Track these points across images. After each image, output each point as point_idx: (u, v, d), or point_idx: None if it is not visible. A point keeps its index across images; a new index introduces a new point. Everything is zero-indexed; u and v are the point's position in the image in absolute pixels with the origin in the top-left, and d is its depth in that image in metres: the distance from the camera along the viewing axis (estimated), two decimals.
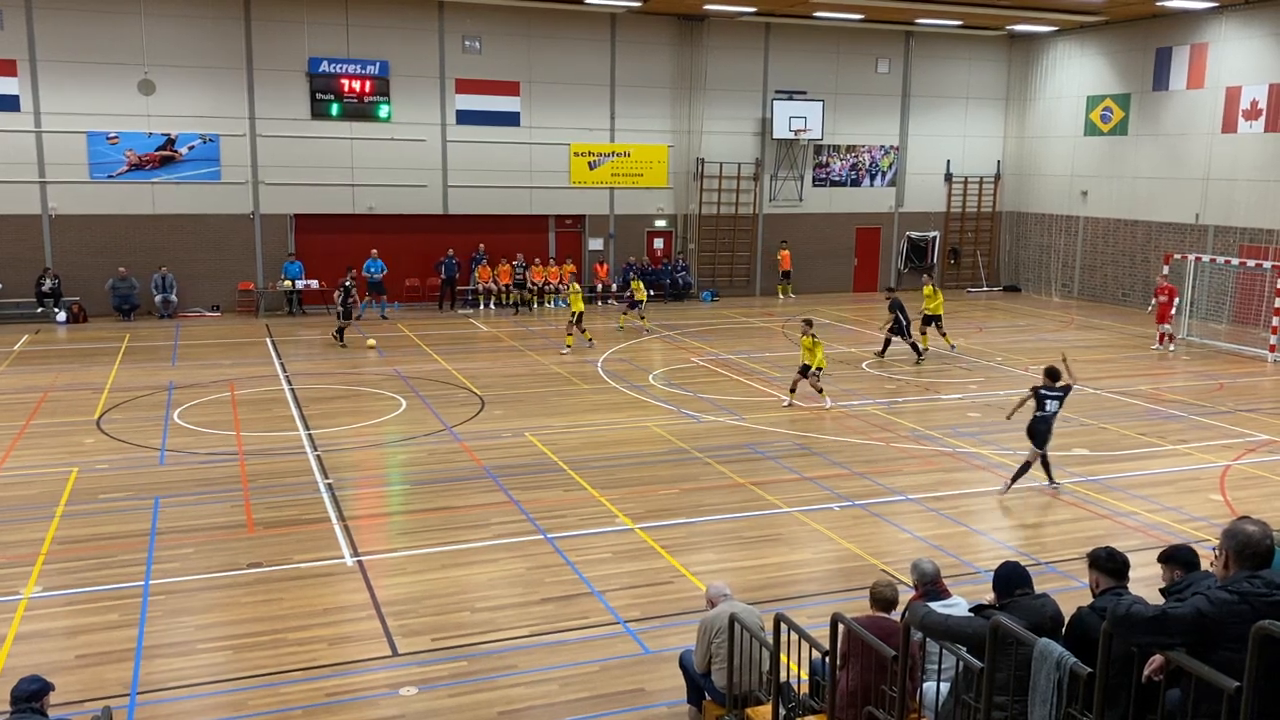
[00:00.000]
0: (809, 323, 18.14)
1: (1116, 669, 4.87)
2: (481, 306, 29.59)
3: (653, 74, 31.01)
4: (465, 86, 29.27)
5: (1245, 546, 4.63)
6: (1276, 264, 23.63)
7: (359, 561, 10.98)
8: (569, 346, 22.89)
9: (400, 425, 16.68)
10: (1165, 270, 25.62)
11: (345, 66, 28.12)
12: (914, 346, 22.25)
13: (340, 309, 23.54)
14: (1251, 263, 24.81)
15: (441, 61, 29.03)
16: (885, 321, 22.52)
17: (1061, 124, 33.09)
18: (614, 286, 31.21)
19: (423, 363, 21.58)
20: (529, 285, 29.80)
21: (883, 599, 6.82)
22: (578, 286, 24.62)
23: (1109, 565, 5.71)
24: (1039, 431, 13.26)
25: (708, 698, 7.64)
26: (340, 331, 23.45)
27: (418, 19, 28.67)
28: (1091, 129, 32.04)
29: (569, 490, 13.41)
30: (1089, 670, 4.81)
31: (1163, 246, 29.05)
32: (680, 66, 31.17)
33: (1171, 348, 23.67)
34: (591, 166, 30.91)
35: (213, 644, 9.09)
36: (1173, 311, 24.12)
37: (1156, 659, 4.77)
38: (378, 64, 28.38)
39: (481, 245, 29.77)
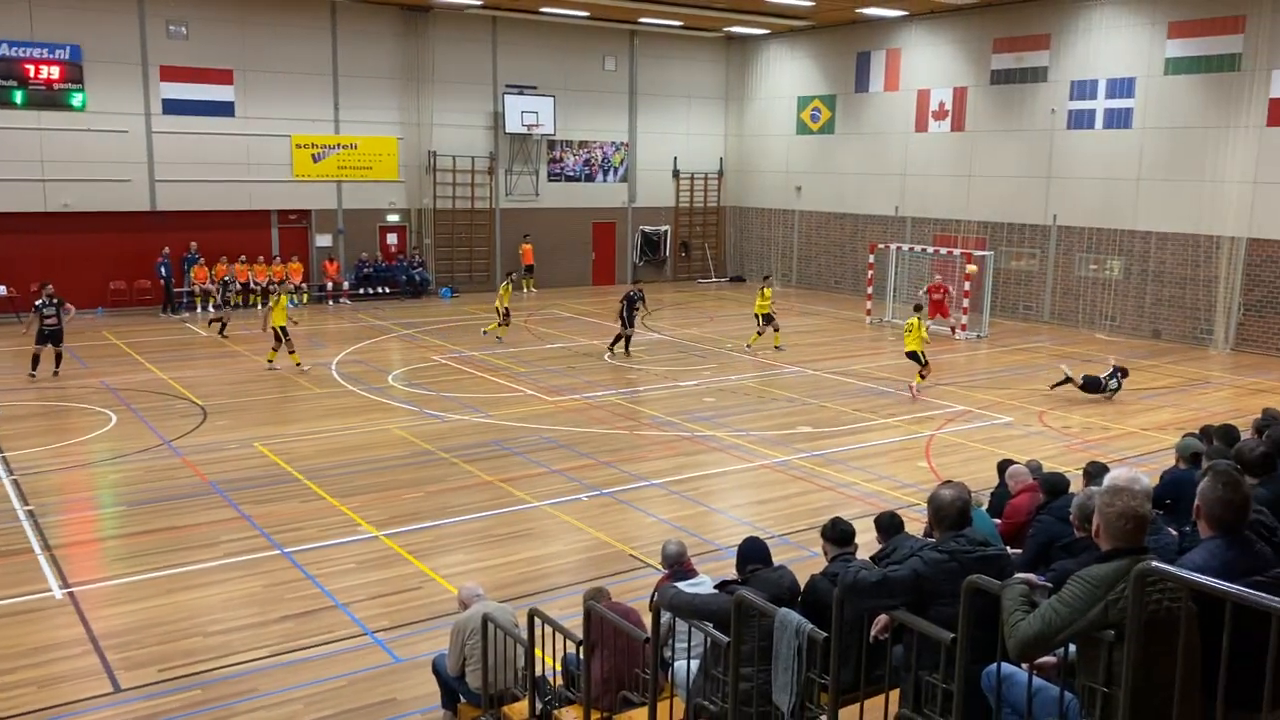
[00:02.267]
0: (919, 308, 19.58)
1: (848, 630, 5.21)
2: (199, 309, 27.69)
3: (378, 64, 30.08)
4: (171, 74, 27.18)
5: (939, 511, 5.15)
6: (965, 251, 26.22)
7: (70, 593, 9.98)
8: (298, 365, 20.40)
9: (110, 442, 15.30)
10: (936, 275, 27.17)
11: (29, 50, 25.38)
12: (626, 340, 22.49)
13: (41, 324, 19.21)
14: (944, 250, 27.40)
15: (143, 47, 26.80)
16: (618, 313, 22.84)
17: (776, 123, 35.08)
18: (345, 285, 30.12)
19: (134, 373, 19.88)
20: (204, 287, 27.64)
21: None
22: (283, 299, 20.73)
23: (834, 535, 6.26)
24: None
25: (463, 700, 7.53)
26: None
27: (112, 1, 26.32)
28: (803, 128, 34.18)
29: (306, 501, 12.80)
30: (825, 635, 5.12)
31: (868, 237, 31.45)
32: (407, 58, 30.42)
33: (957, 333, 25.22)
34: (315, 159, 29.58)
35: None
36: (951, 307, 25.46)
37: (881, 619, 5.15)
38: (68, 48, 25.80)
39: (194, 244, 27.79)
